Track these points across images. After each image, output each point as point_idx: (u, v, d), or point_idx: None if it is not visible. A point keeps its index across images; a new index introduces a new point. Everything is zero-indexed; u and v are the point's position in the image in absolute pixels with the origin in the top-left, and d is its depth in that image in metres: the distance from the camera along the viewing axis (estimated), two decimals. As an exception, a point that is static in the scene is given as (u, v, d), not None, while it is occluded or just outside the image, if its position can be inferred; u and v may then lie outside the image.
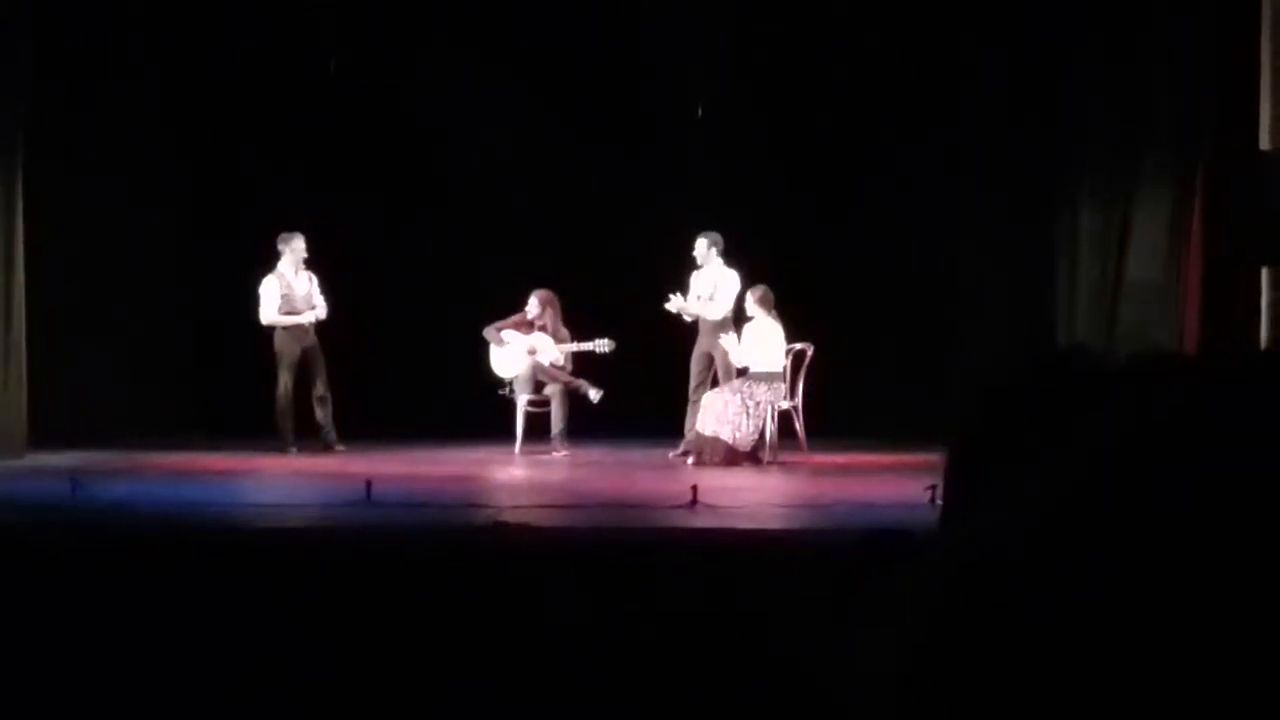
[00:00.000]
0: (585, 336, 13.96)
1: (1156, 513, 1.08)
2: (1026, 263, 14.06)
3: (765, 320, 13.14)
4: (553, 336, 14.04)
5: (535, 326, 14.08)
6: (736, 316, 13.34)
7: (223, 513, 9.40)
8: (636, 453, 13.69)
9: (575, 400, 13.88)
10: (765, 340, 13.14)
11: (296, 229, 13.88)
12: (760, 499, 10.56)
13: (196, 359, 15.87)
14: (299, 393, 13.80)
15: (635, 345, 13.91)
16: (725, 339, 13.25)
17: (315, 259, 13.94)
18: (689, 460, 12.91)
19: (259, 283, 13.85)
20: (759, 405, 12.95)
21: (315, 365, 13.82)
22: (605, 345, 13.88)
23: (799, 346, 13.58)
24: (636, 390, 13.79)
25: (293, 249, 13.84)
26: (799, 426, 13.52)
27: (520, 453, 13.73)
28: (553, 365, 14.00)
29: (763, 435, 13.03)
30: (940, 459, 1.55)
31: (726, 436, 12.86)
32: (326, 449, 13.71)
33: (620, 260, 15.13)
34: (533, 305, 14.08)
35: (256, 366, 14.11)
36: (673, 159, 15.52)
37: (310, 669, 6.34)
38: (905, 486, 9.73)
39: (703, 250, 13.56)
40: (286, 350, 13.78)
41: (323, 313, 13.85)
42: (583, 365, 14.12)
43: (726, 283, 13.44)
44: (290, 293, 13.80)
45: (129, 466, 12.22)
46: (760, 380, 13.05)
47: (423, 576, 6.92)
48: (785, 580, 6.72)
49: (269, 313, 13.79)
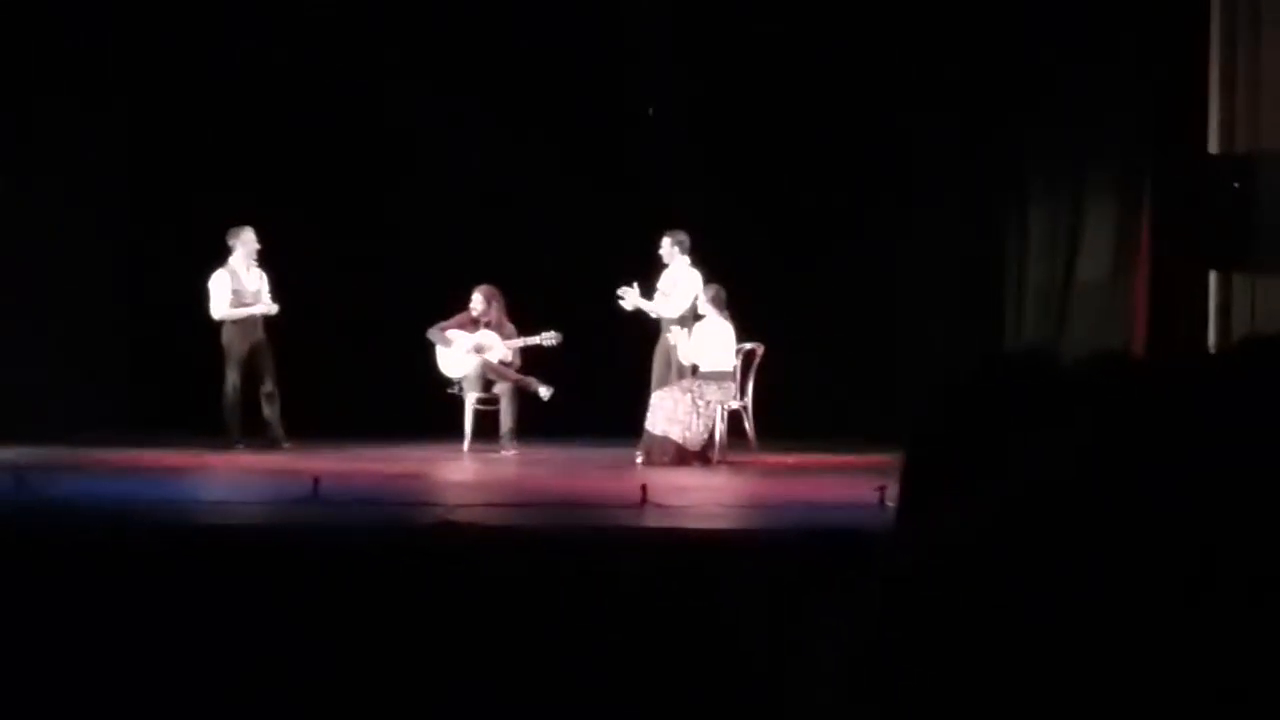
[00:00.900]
0: (532, 332, 13.94)
1: (1112, 516, 1.08)
2: (975, 263, 14.13)
3: (716, 320, 13.16)
4: (498, 331, 14.00)
5: (480, 324, 14.04)
6: (694, 315, 13.36)
7: (168, 509, 9.34)
8: (586, 451, 13.68)
9: (525, 398, 13.86)
10: (715, 339, 13.16)
11: (245, 223, 13.83)
12: (709, 499, 10.57)
13: (140, 354, 15.74)
14: (246, 389, 13.74)
15: (584, 342, 13.90)
16: (674, 332, 13.25)
17: (262, 256, 13.88)
18: (638, 459, 12.90)
19: (206, 278, 13.77)
20: (709, 405, 12.96)
21: (263, 361, 13.76)
22: (552, 338, 13.85)
23: (749, 346, 13.60)
24: (586, 388, 13.79)
25: (243, 241, 13.77)
26: (748, 426, 13.53)
27: (469, 451, 13.70)
28: (501, 362, 13.97)
29: (712, 435, 13.04)
30: (889, 460, 1.54)
31: (676, 436, 12.86)
32: (273, 446, 13.64)
33: (568, 256, 15.11)
34: (477, 301, 14.03)
35: (201, 362, 14.03)
36: (622, 156, 15.50)
37: (255, 666, 6.30)
38: (854, 487, 9.74)
39: (667, 248, 13.58)
40: (235, 345, 13.71)
41: (273, 308, 13.79)
42: (532, 362, 14.09)
43: (685, 281, 13.45)
44: (241, 287, 13.74)
45: (73, 462, 12.13)
46: (710, 380, 13.06)
47: (370, 574, 6.89)
48: (734, 580, 6.72)
49: (219, 307, 13.72)
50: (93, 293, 15.28)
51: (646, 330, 13.67)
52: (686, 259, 13.58)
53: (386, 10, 15.02)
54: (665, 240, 13.59)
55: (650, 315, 13.56)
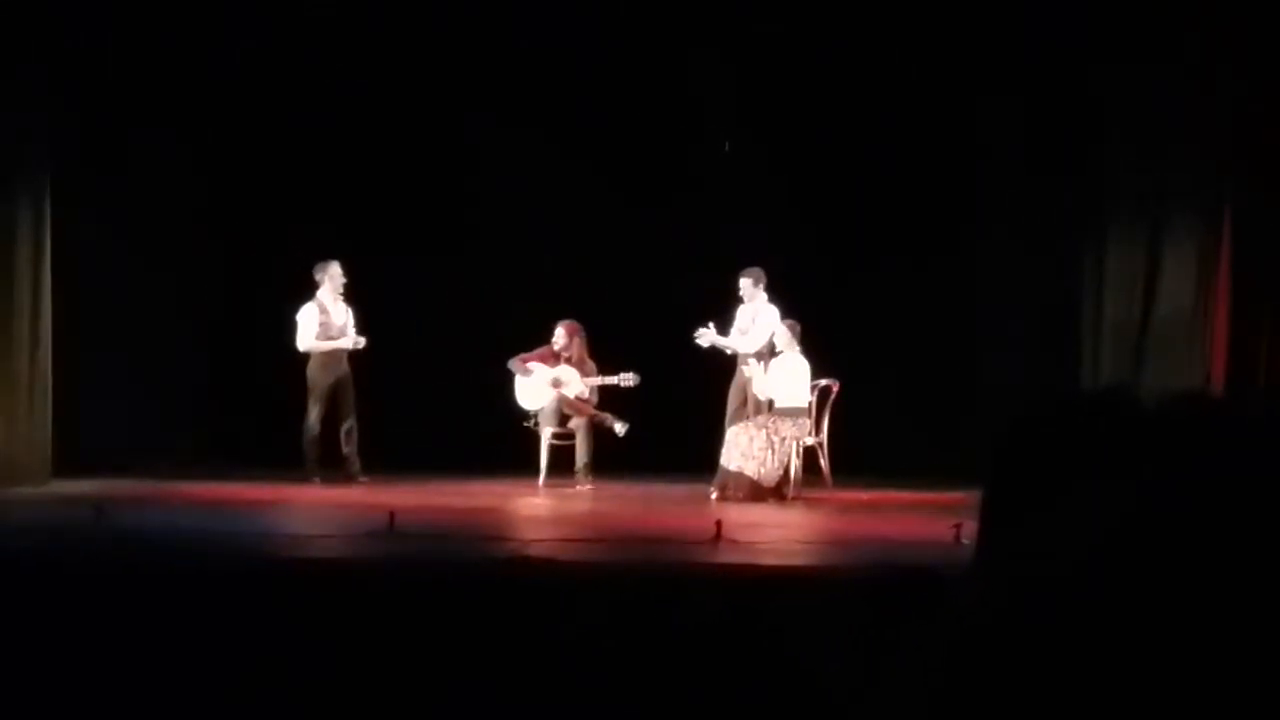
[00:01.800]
0: (612, 369, 13.97)
1: (1195, 561, 1.07)
2: (1052, 300, 14.04)
3: (792, 355, 13.14)
4: (578, 368, 14.04)
5: (561, 358, 14.08)
6: (771, 351, 13.35)
7: (246, 542, 9.39)
8: (661, 487, 13.67)
9: (600, 433, 13.87)
10: (792, 375, 13.13)
11: (326, 256, 13.95)
12: (784, 535, 10.54)
13: (220, 387, 15.86)
14: (328, 423, 13.83)
15: (660, 377, 13.90)
16: (749, 367, 13.24)
17: (348, 290, 14.00)
18: (713, 495, 12.87)
19: (285, 311, 13.89)
20: (784, 441, 12.93)
21: (346, 396, 13.86)
22: (630, 379, 13.87)
23: (825, 382, 13.57)
24: (662, 423, 13.77)
25: (330, 275, 13.89)
26: (824, 462, 13.50)
27: (544, 486, 13.71)
28: (578, 398, 14.00)
29: (787, 471, 13.00)
30: (965, 497, 1.53)
31: (751, 472, 12.84)
32: (350, 480, 13.71)
33: (647, 293, 15.11)
34: (559, 336, 14.08)
35: (280, 395, 14.14)
36: (702, 195, 15.51)
37: (332, 701, 6.32)
38: (930, 524, 9.70)
39: (747, 286, 13.59)
40: (319, 379, 13.82)
41: (359, 342, 13.88)
42: (608, 398, 14.11)
43: (764, 317, 13.45)
44: (328, 321, 13.85)
45: (152, 495, 12.23)
46: (786, 415, 13.03)
47: (445, 609, 6.90)
48: (809, 617, 6.69)
49: (306, 339, 13.84)
50: (173, 325, 15.39)
51: (722, 366, 13.66)
52: (764, 295, 13.57)
53: (469, 50, 15.09)
54: (743, 278, 13.60)
55: (727, 352, 13.55)
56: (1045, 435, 1.25)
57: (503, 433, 14.17)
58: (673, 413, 13.94)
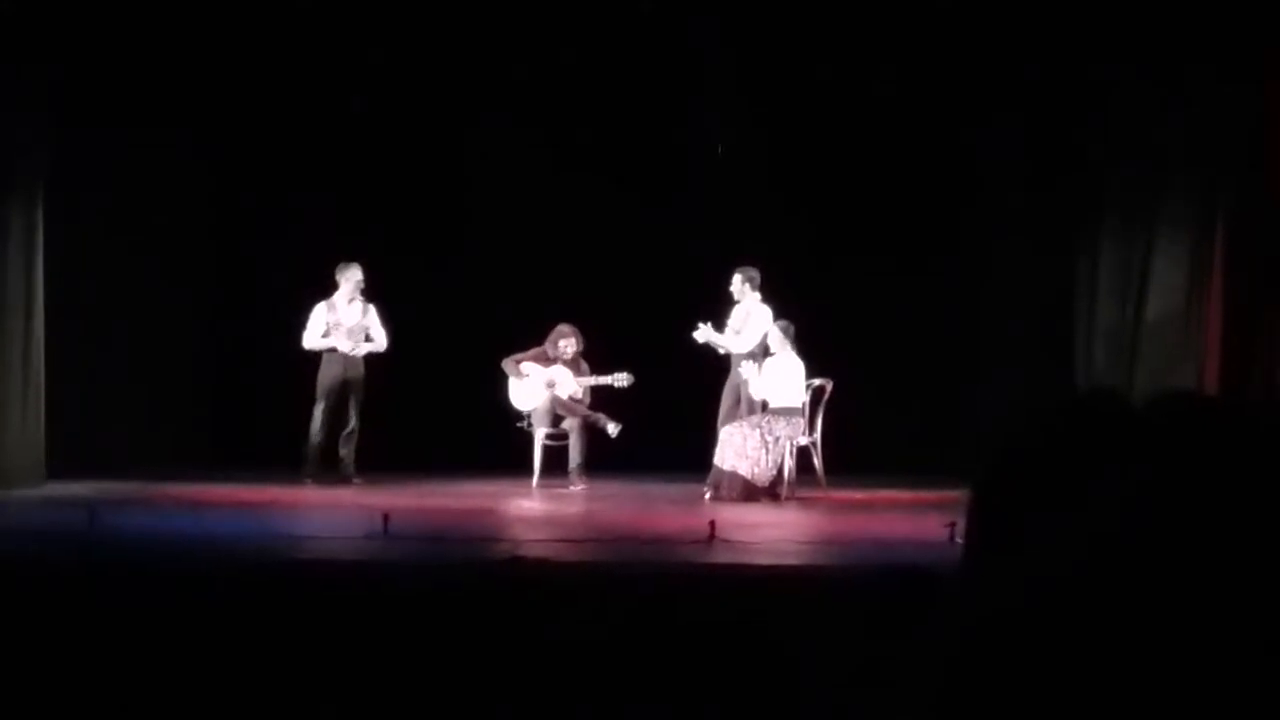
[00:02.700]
0: (605, 369, 13.98)
1: (1188, 561, 1.07)
2: (1046, 301, 14.05)
3: (786, 355, 13.14)
4: (572, 369, 14.05)
5: (554, 359, 14.09)
6: (764, 351, 13.35)
7: (240, 545, 9.38)
8: (654, 487, 13.68)
9: (593, 434, 13.87)
10: (785, 375, 13.14)
11: (341, 259, 14.01)
12: (778, 535, 10.54)
13: (217, 389, 15.88)
14: (332, 424, 13.87)
15: (653, 378, 13.91)
16: (744, 366, 13.24)
17: (371, 293, 14.04)
18: (706, 495, 12.87)
19: (287, 312, 13.97)
20: (778, 441, 12.94)
21: (350, 399, 13.87)
22: (624, 380, 13.89)
23: (818, 382, 13.57)
24: (654, 423, 13.79)
25: (347, 277, 13.91)
26: (817, 462, 13.50)
27: (538, 486, 13.72)
28: (571, 399, 14.01)
29: (781, 471, 13.00)
30: (959, 496, 1.53)
31: (745, 471, 12.84)
32: (343, 481, 13.70)
33: (641, 294, 15.14)
34: (553, 338, 14.09)
35: (278, 396, 14.16)
36: (696, 194, 15.54)
37: (327, 703, 6.32)
38: (924, 524, 9.70)
39: (738, 285, 13.59)
40: (324, 379, 13.88)
41: (357, 348, 13.88)
42: (601, 399, 14.12)
43: (757, 317, 13.45)
44: (337, 321, 13.87)
45: (146, 497, 12.22)
46: (780, 415, 13.03)
47: (439, 610, 6.90)
48: (803, 617, 6.70)
49: (309, 338, 13.89)
50: (169, 327, 15.40)
51: (715, 366, 13.66)
52: (758, 295, 13.57)
53: (466, 52, 15.10)
54: (736, 277, 13.60)
55: (721, 351, 13.56)
56: (1035, 437, 1.25)
57: (496, 433, 14.18)
58: (666, 413, 13.96)
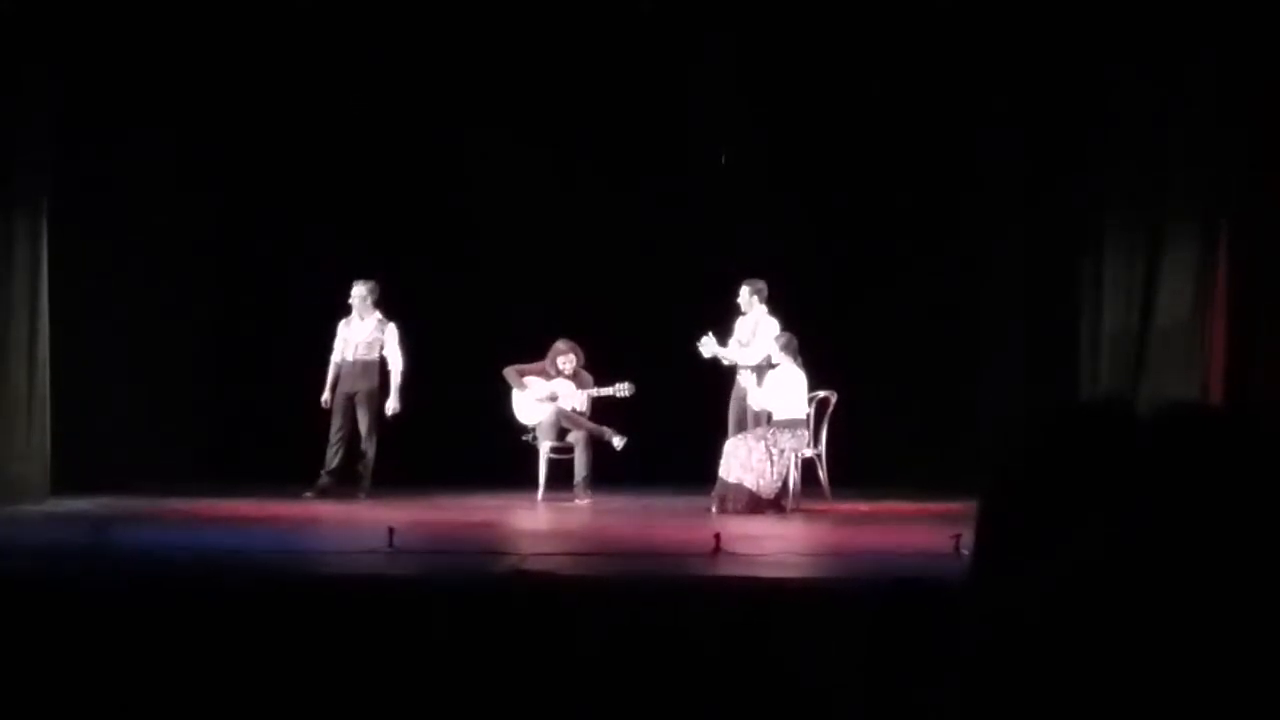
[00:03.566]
0: (607, 381, 13.98)
1: (1194, 571, 1.07)
2: (1050, 310, 14.04)
3: (789, 367, 13.13)
4: (574, 381, 14.05)
5: (557, 373, 14.09)
6: (767, 363, 13.35)
7: (244, 559, 9.38)
8: (660, 500, 13.67)
9: (599, 447, 13.86)
10: (789, 387, 13.13)
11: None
12: (783, 547, 10.52)
13: (220, 403, 15.88)
14: (348, 437, 14.00)
15: (658, 390, 13.90)
16: (743, 376, 13.25)
17: (342, 305, 14.04)
18: (712, 508, 12.86)
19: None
20: (783, 453, 12.92)
21: (358, 412, 13.93)
22: (625, 389, 13.89)
23: (823, 394, 13.56)
24: (660, 436, 13.78)
25: (354, 293, 14.00)
26: (822, 474, 13.49)
27: (543, 499, 13.72)
28: (575, 411, 14.01)
29: (786, 483, 12.99)
30: (964, 507, 1.53)
31: (750, 484, 12.82)
32: (349, 496, 13.69)
33: (642, 304, 15.14)
34: (551, 356, 14.09)
35: (281, 411, 14.18)
36: (698, 205, 15.54)
37: (330, 716, 6.31)
38: (929, 535, 9.68)
39: (745, 297, 13.59)
40: (337, 392, 13.92)
41: (343, 364, 13.95)
42: (605, 411, 14.11)
43: (764, 329, 13.44)
44: (346, 336, 13.95)
45: (150, 512, 12.21)
46: (785, 427, 13.02)
47: (445, 624, 6.89)
48: (809, 629, 6.69)
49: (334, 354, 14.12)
50: (175, 342, 15.40)
51: (720, 378, 13.66)
52: (765, 307, 13.57)
53: (468, 65, 15.14)
54: (744, 289, 13.60)
55: (725, 363, 13.55)
56: (1041, 447, 1.25)
57: (501, 447, 14.18)
58: (671, 426, 13.94)
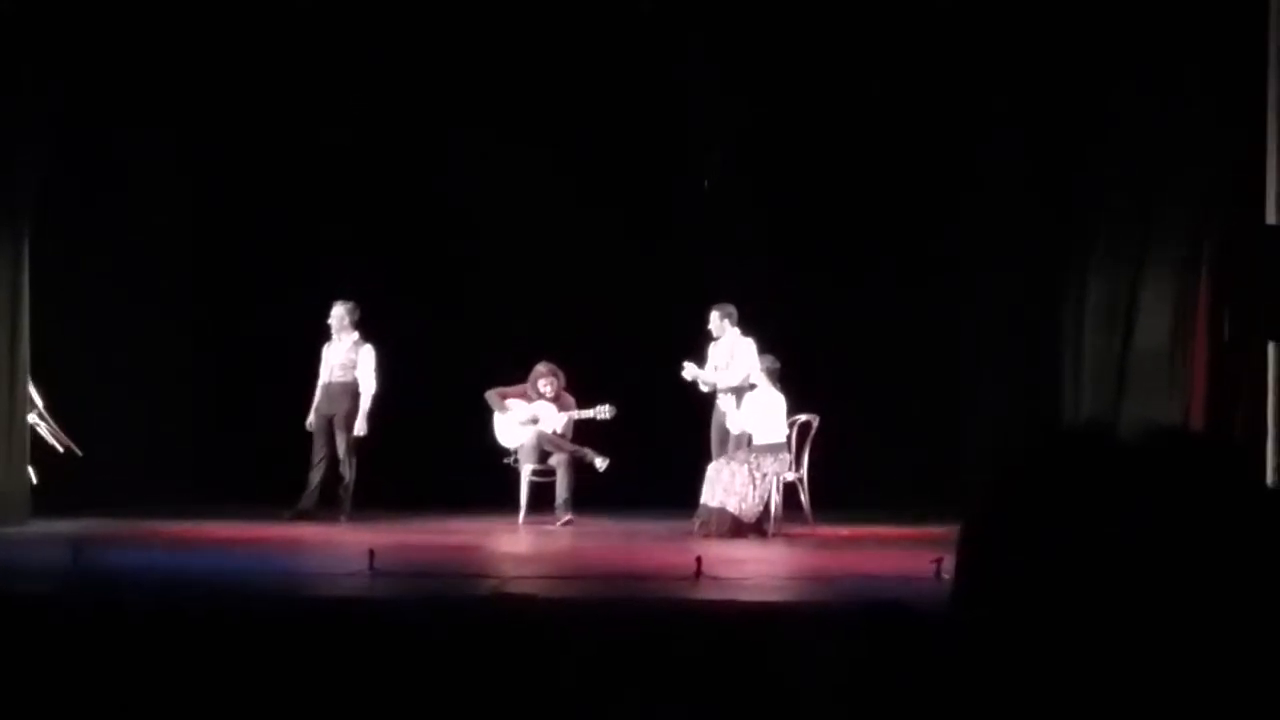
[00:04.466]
0: (589, 403, 13.98)
1: (1175, 595, 1.07)
2: (1033, 335, 14.07)
3: (769, 391, 13.14)
4: (556, 404, 14.04)
5: (538, 395, 14.08)
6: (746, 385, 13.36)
7: (225, 582, 9.35)
8: (641, 523, 13.66)
9: (580, 470, 13.86)
10: (768, 410, 13.13)
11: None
12: (765, 571, 10.53)
13: (201, 425, 15.85)
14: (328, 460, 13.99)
15: (639, 414, 13.90)
16: (722, 399, 13.26)
17: (324, 328, 14.05)
18: (694, 531, 12.84)
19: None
20: (765, 476, 12.93)
21: (335, 434, 13.92)
22: (606, 412, 13.88)
23: (804, 418, 13.56)
24: (641, 459, 13.77)
25: (331, 315, 14.00)
26: (804, 498, 13.49)
27: (524, 522, 13.70)
28: (555, 434, 14.00)
29: (768, 506, 12.99)
30: (946, 532, 1.52)
31: (733, 508, 12.82)
32: (329, 519, 13.64)
33: (622, 328, 15.14)
34: (532, 379, 14.09)
35: (263, 433, 14.17)
36: (680, 229, 15.55)
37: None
38: (910, 559, 9.69)
39: (716, 322, 13.60)
40: (317, 415, 13.93)
41: (323, 379, 13.94)
42: (587, 434, 14.10)
43: (742, 350, 13.45)
44: (327, 357, 14.00)
45: (131, 534, 12.18)
46: (767, 451, 13.03)
47: (425, 647, 6.88)
48: (790, 653, 6.68)
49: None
50: (160, 362, 15.38)
51: (700, 402, 13.66)
52: (737, 330, 13.58)
53: (454, 84, 15.16)
54: (714, 314, 13.61)
55: (705, 388, 13.54)
56: (1022, 473, 1.24)
57: (482, 470, 14.16)
58: (653, 448, 13.95)
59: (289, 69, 14.90)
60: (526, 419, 14.04)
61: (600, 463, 13.76)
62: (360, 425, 13.91)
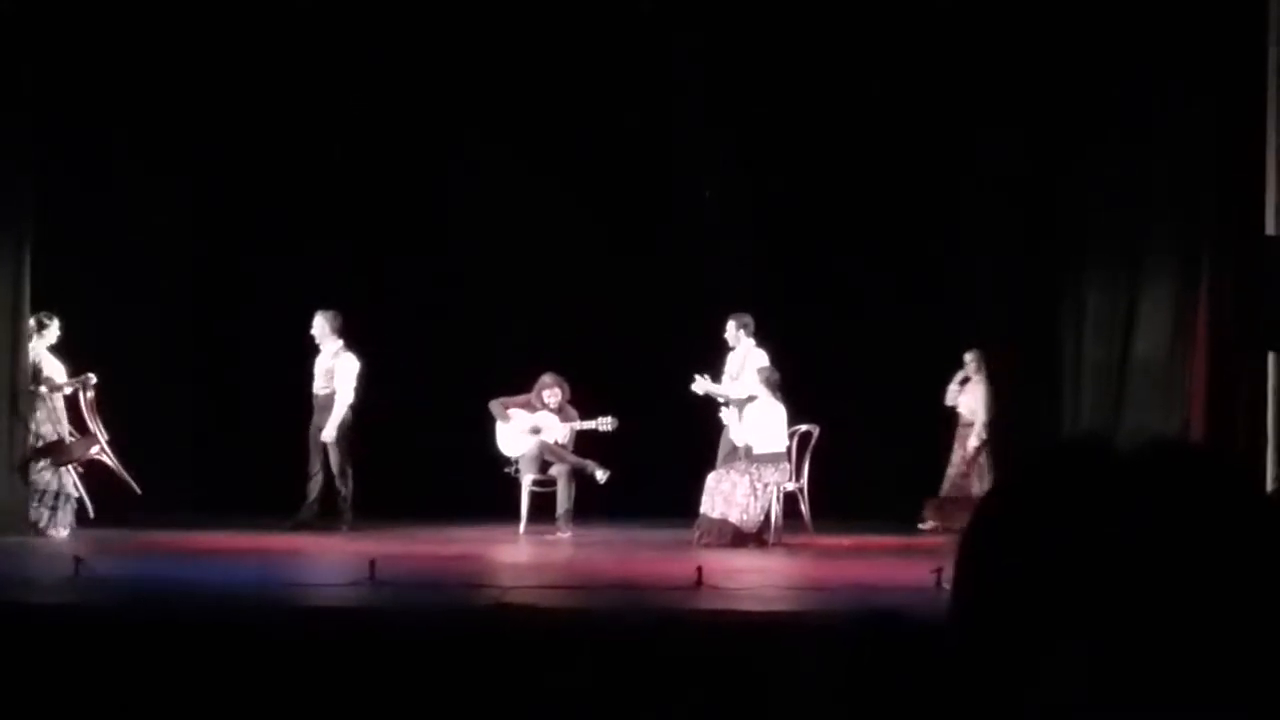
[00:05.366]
0: (591, 415, 13.96)
1: (1175, 606, 1.07)
2: (1032, 344, 14.07)
3: (769, 401, 13.13)
4: (558, 415, 14.03)
5: (542, 405, 14.07)
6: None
7: (226, 593, 9.35)
8: (642, 533, 13.64)
9: (581, 480, 13.84)
10: (769, 421, 13.13)
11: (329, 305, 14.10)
12: (765, 581, 10.53)
13: (201, 435, 15.83)
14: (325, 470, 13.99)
15: (640, 424, 13.88)
16: (725, 411, 13.25)
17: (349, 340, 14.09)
18: (695, 541, 12.84)
19: (278, 358, 14.13)
20: (766, 487, 12.92)
21: (320, 445, 13.91)
22: (608, 423, 13.86)
23: (805, 428, 13.56)
24: (642, 470, 13.75)
25: (313, 324, 14.04)
26: (804, 508, 13.48)
27: (525, 532, 13.69)
28: (557, 444, 13.99)
29: (768, 517, 12.99)
30: (945, 542, 1.53)
31: (734, 518, 12.82)
32: (330, 529, 13.63)
33: (623, 338, 15.13)
34: (537, 389, 14.08)
35: (262, 443, 14.17)
36: (683, 239, 15.54)
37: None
38: (910, 569, 9.69)
39: (732, 331, 13.59)
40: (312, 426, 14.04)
41: (343, 396, 13.94)
42: (588, 444, 14.09)
43: (752, 362, 13.41)
44: (313, 368, 14.00)
45: (133, 545, 12.17)
46: (768, 461, 13.02)
47: (426, 656, 6.88)
48: (791, 663, 6.68)
49: None
50: (160, 376, 15.36)
51: (705, 412, 13.64)
52: (752, 340, 13.55)
53: (454, 92, 15.17)
54: (730, 323, 13.59)
55: (721, 400, 13.49)
56: (1021, 483, 1.25)
57: (483, 479, 14.15)
58: (654, 459, 13.92)
59: (290, 73, 14.89)
60: (528, 429, 14.03)
61: (601, 475, 13.73)
62: (329, 431, 13.86)
